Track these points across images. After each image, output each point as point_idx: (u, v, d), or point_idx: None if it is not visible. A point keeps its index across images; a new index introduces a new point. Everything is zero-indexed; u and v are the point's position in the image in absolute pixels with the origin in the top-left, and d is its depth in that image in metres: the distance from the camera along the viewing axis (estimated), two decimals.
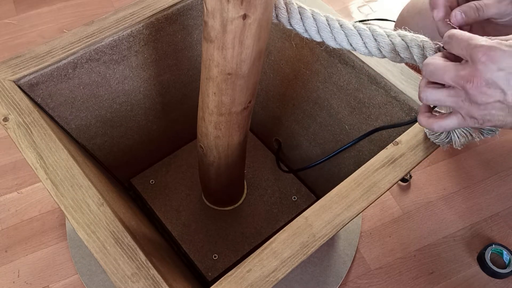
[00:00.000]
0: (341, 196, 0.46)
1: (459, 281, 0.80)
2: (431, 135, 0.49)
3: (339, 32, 0.45)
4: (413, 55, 0.43)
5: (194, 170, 0.81)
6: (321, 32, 0.45)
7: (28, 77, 0.54)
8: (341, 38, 0.45)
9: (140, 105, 0.71)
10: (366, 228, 0.85)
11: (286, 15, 0.45)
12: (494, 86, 0.35)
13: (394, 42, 0.43)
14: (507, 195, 0.90)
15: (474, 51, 0.36)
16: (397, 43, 0.43)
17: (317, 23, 0.45)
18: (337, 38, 0.45)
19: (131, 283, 0.41)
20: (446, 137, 0.48)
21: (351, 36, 0.44)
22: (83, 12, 1.19)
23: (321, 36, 0.46)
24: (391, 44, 0.44)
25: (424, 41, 0.43)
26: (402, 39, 0.43)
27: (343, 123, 0.68)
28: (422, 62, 0.43)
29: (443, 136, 0.48)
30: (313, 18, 0.45)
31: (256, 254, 0.43)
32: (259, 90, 0.80)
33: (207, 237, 0.74)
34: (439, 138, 0.48)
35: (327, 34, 0.45)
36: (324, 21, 0.45)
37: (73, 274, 0.79)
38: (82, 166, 0.50)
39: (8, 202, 0.86)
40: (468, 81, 0.36)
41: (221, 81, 0.47)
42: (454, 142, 0.47)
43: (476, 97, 0.36)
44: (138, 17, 0.60)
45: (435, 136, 0.49)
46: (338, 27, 0.45)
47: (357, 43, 0.45)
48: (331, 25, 0.45)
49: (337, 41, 0.45)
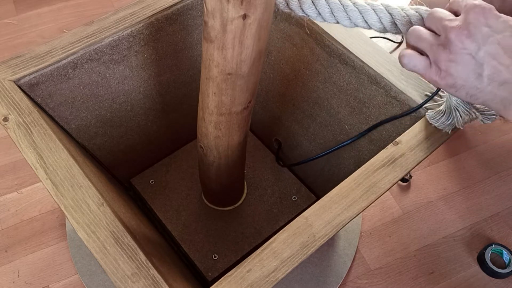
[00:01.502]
0: (341, 196, 0.46)
1: (459, 281, 0.80)
2: (432, 120, 0.49)
3: (353, 10, 0.44)
4: None
5: (194, 170, 0.81)
6: (335, 13, 0.45)
7: (28, 77, 0.54)
8: (356, 16, 0.45)
9: (140, 105, 0.71)
10: (366, 228, 0.85)
11: (297, 1, 0.45)
12: (473, 39, 0.36)
13: (409, 14, 0.43)
14: (507, 195, 0.90)
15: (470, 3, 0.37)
16: (411, 14, 0.43)
17: (330, 4, 0.45)
18: (351, 17, 0.45)
19: (131, 283, 0.41)
20: (447, 119, 0.48)
21: (366, 13, 0.44)
22: (83, 12, 1.19)
23: (335, 17, 0.45)
24: (407, 17, 0.43)
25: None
26: (416, 11, 0.43)
27: (343, 123, 0.68)
28: None
29: (444, 118, 0.48)
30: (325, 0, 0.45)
31: (256, 254, 0.43)
32: (259, 90, 0.80)
33: (207, 237, 0.74)
34: (440, 121, 0.48)
35: (341, 14, 0.45)
36: (337, 1, 0.45)
37: (73, 274, 0.79)
38: (82, 166, 0.50)
39: (8, 202, 0.86)
40: (453, 28, 0.37)
41: (221, 81, 0.47)
42: (457, 121, 0.47)
43: (452, 42, 0.37)
44: (138, 17, 0.60)
45: (435, 120, 0.49)
46: (351, 5, 0.44)
47: (372, 18, 0.44)
48: (344, 4, 0.45)
49: (351, 20, 0.45)
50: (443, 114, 0.48)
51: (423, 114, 0.54)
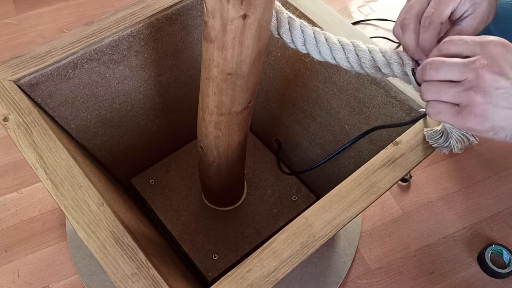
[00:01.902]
0: (341, 196, 0.46)
1: (459, 281, 0.80)
2: (429, 139, 0.49)
3: (324, 46, 0.46)
4: (393, 71, 0.44)
5: (194, 170, 0.81)
6: (307, 45, 0.47)
7: (28, 77, 0.54)
8: (326, 52, 0.46)
9: (140, 105, 0.71)
10: (366, 228, 0.85)
11: (276, 23, 0.46)
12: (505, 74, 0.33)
13: (375, 58, 0.45)
14: (507, 195, 0.90)
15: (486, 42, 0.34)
16: (378, 59, 0.44)
17: (304, 35, 0.46)
18: (321, 52, 0.47)
19: (131, 283, 0.41)
20: (445, 141, 0.48)
21: (335, 51, 0.46)
22: (83, 12, 1.19)
23: (306, 48, 0.47)
24: (372, 60, 0.45)
25: (404, 58, 0.44)
26: (383, 55, 0.44)
27: (343, 123, 0.68)
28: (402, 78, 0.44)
29: (442, 140, 0.48)
30: (301, 30, 0.46)
31: (256, 254, 0.43)
32: (259, 90, 0.80)
33: (207, 237, 0.74)
34: (438, 143, 0.48)
35: (312, 47, 0.47)
36: (311, 34, 0.46)
37: (73, 274, 0.79)
38: (82, 166, 0.50)
39: (8, 202, 0.86)
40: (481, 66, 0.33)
41: (221, 81, 0.47)
42: (453, 147, 0.47)
43: (485, 82, 0.33)
44: (138, 17, 0.60)
45: (433, 140, 0.49)
46: (323, 40, 0.46)
47: (340, 57, 0.46)
48: (317, 38, 0.46)
49: (321, 55, 0.47)
50: (440, 135, 0.48)
51: (423, 114, 0.54)
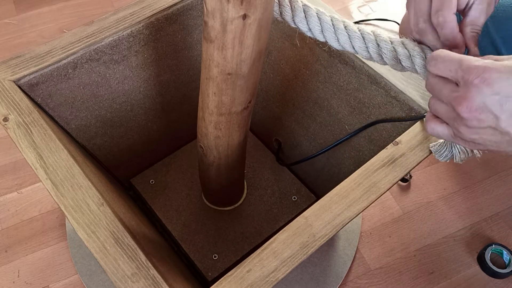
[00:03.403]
0: (341, 196, 0.46)
1: (459, 281, 0.80)
2: (436, 153, 0.49)
3: (342, 34, 0.44)
4: (414, 64, 0.42)
5: (194, 170, 0.81)
6: (325, 32, 0.44)
7: (28, 77, 0.54)
8: (344, 40, 0.44)
9: (140, 105, 0.71)
10: (366, 228, 0.85)
11: (290, 13, 0.45)
12: (486, 111, 0.32)
13: (396, 49, 0.42)
14: (507, 195, 0.90)
15: (467, 73, 0.33)
16: (399, 51, 0.42)
17: (322, 22, 0.44)
18: (340, 40, 0.44)
19: (131, 283, 0.41)
20: (449, 152, 0.47)
21: (354, 39, 0.44)
22: (83, 12, 1.19)
23: (324, 36, 0.45)
24: (394, 51, 0.42)
25: (426, 51, 0.41)
26: (405, 47, 0.42)
27: (343, 123, 0.68)
28: (423, 73, 0.42)
29: (447, 152, 0.47)
30: (318, 17, 0.44)
31: (256, 254, 0.43)
32: (259, 90, 0.80)
33: (207, 237, 0.74)
34: (443, 156, 0.48)
35: (330, 35, 0.44)
36: (328, 21, 0.44)
37: (73, 274, 0.79)
38: (82, 166, 0.50)
39: (8, 202, 0.86)
40: (460, 104, 0.33)
41: (221, 81, 0.47)
42: (455, 157, 0.46)
43: (467, 121, 0.33)
44: (138, 17, 0.60)
45: (439, 154, 0.48)
46: (342, 28, 0.44)
47: (360, 46, 0.44)
48: (336, 25, 0.44)
49: (340, 43, 0.44)
50: (445, 148, 0.48)
51: (423, 114, 0.54)
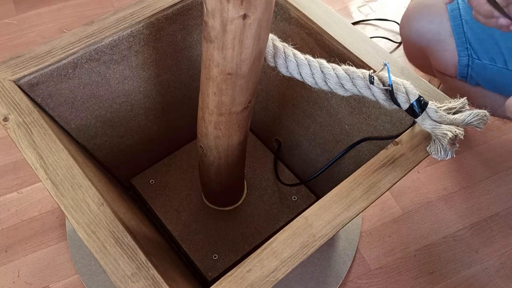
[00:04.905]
0: (341, 196, 0.46)
1: (459, 281, 0.80)
2: (433, 154, 0.50)
3: (291, 61, 0.48)
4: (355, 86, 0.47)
5: (194, 170, 0.81)
6: (276, 58, 0.49)
7: (28, 77, 0.54)
8: (293, 67, 0.49)
9: (140, 105, 0.71)
10: (366, 228, 0.85)
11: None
12: None
13: (338, 74, 0.47)
14: (507, 195, 0.90)
15: None
16: (340, 74, 0.47)
17: (275, 49, 0.49)
18: (289, 67, 0.49)
19: (131, 283, 0.41)
20: (442, 149, 0.49)
21: (301, 66, 0.48)
22: (83, 12, 1.19)
23: (275, 62, 0.49)
24: (336, 77, 0.47)
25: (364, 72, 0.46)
26: (345, 72, 0.47)
27: (343, 123, 0.68)
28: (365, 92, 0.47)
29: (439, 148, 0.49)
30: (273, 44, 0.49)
31: (256, 254, 0.43)
32: (259, 90, 0.80)
33: (207, 237, 0.74)
34: (439, 155, 0.49)
35: (281, 61, 0.49)
36: (281, 48, 0.49)
37: (73, 274, 0.79)
38: (82, 166, 0.50)
39: (8, 202, 0.86)
40: None
41: (221, 81, 0.47)
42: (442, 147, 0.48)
43: None
44: (138, 17, 0.60)
45: (436, 152, 0.49)
46: (291, 55, 0.48)
47: (306, 73, 0.48)
48: (286, 53, 0.48)
49: (288, 70, 0.49)
50: (440, 146, 0.49)
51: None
